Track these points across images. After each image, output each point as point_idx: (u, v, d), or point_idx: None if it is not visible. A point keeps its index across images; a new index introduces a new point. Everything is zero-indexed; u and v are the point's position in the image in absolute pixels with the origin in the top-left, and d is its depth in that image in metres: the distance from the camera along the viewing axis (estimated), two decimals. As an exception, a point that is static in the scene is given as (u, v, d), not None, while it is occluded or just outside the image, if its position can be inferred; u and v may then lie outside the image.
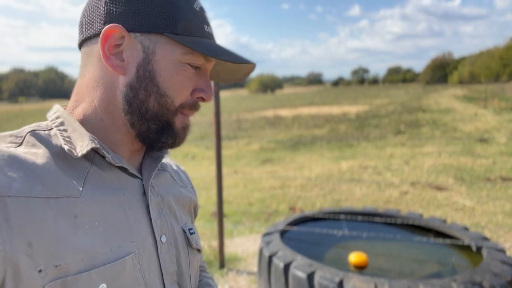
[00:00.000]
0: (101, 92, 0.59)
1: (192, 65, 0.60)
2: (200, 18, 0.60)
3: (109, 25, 0.55)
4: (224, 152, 9.95)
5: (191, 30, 0.58)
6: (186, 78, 0.60)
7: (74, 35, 0.65)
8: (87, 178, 0.54)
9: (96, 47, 0.58)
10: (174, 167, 0.78)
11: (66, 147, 0.54)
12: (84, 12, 0.60)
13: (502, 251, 2.27)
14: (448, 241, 2.64)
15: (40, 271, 0.45)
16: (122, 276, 0.52)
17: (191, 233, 0.70)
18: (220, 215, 3.41)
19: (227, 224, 4.67)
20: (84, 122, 0.59)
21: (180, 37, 0.56)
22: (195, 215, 0.80)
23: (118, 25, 0.56)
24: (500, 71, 66.94)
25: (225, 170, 7.72)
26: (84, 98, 0.60)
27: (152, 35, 0.56)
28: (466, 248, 2.51)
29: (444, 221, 2.85)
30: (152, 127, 0.60)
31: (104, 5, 0.57)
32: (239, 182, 6.95)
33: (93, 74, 0.59)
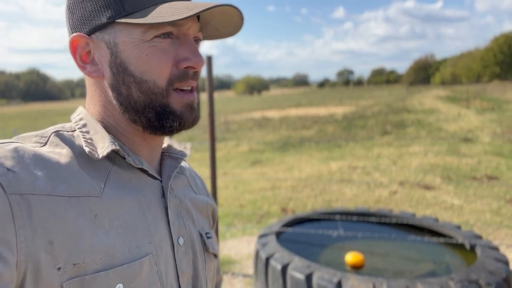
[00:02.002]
0: (99, 98, 0.60)
1: (162, 37, 0.55)
2: None
3: (71, 36, 0.56)
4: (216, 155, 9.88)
5: (141, 3, 0.54)
6: (159, 53, 0.55)
7: (56, 36, 0.64)
8: (108, 178, 0.54)
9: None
10: (192, 173, 0.78)
11: (87, 149, 0.54)
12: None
13: (496, 249, 2.31)
14: (441, 239, 2.67)
15: (59, 268, 0.46)
16: (139, 277, 0.52)
17: (208, 237, 0.69)
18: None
19: (219, 227, 4.64)
20: (103, 124, 0.60)
21: (130, 17, 0.53)
22: (214, 221, 0.79)
23: (78, 33, 0.56)
24: (481, 72, 68.61)
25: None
26: (95, 104, 0.62)
27: (108, 29, 0.55)
28: (459, 247, 2.55)
29: (437, 220, 2.89)
30: (150, 116, 0.57)
31: (67, 20, 0.59)
32: (229, 184, 6.92)
33: (89, 83, 0.61)
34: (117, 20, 0.54)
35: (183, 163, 0.74)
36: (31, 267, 0.44)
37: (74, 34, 0.56)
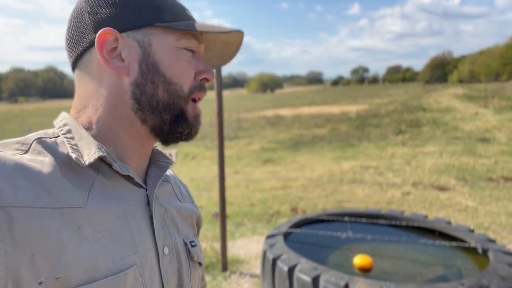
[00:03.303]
0: (105, 98, 0.59)
1: (187, 49, 0.61)
2: (180, 3, 0.63)
3: (101, 31, 0.56)
4: (225, 152, 9.94)
5: (176, 15, 0.59)
6: (186, 62, 0.60)
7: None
8: (92, 188, 0.53)
9: (92, 58, 0.59)
10: (176, 180, 0.77)
11: (73, 155, 0.53)
12: (68, 34, 0.61)
13: (509, 253, 2.25)
14: (453, 243, 2.61)
15: (40, 283, 0.44)
16: None
17: (192, 246, 0.69)
18: (223, 217, 3.38)
19: (229, 226, 4.64)
20: (91, 130, 0.59)
21: (169, 23, 0.58)
22: (198, 229, 0.79)
23: (110, 28, 0.56)
24: (500, 70, 66.94)
25: (226, 170, 7.69)
26: (87, 108, 0.60)
27: (143, 29, 0.58)
28: (471, 251, 2.49)
29: (449, 223, 2.82)
30: (166, 118, 0.60)
31: (89, 16, 0.58)
32: (240, 183, 6.92)
33: (93, 83, 0.59)
34: (155, 24, 0.57)
35: (168, 171, 0.73)
36: (11, 282, 0.43)
37: (105, 28, 0.56)
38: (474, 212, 4.83)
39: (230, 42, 0.66)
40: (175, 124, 0.61)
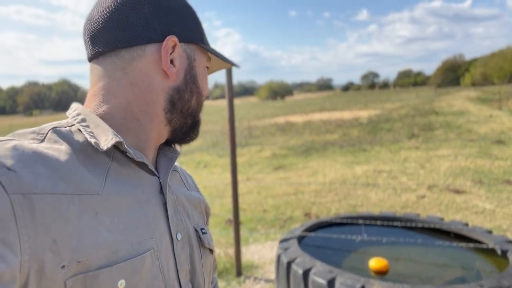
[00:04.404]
0: (141, 93, 0.61)
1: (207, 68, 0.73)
2: None
3: (170, 36, 0.61)
4: (237, 160, 9.95)
5: (207, 41, 0.70)
6: (207, 79, 0.72)
7: (85, 47, 0.63)
8: (108, 175, 0.55)
9: (145, 53, 0.61)
10: (182, 170, 0.81)
11: (93, 140, 0.55)
12: (114, 24, 0.61)
13: (529, 254, 2.20)
14: (471, 245, 2.56)
15: (63, 266, 0.46)
16: (141, 272, 0.53)
17: (203, 233, 0.71)
18: (236, 222, 3.38)
19: (242, 231, 4.64)
20: (109, 120, 0.60)
21: (206, 46, 0.68)
22: (207, 217, 0.82)
23: (174, 36, 0.62)
24: (514, 71, 65.77)
25: (238, 177, 7.70)
26: (116, 99, 0.61)
27: (191, 45, 0.66)
28: (490, 252, 2.44)
29: (466, 225, 2.77)
30: (187, 121, 0.68)
31: (153, 16, 0.61)
32: (253, 189, 6.92)
33: (131, 77, 0.61)
34: (200, 44, 0.67)
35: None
36: (35, 266, 0.44)
37: (172, 35, 0.62)
38: (492, 215, 4.73)
39: (221, 67, 0.79)
40: (191, 128, 0.69)
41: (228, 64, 0.78)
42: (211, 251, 0.74)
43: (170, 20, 0.63)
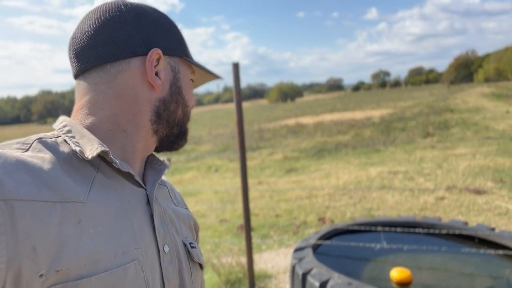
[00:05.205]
0: (127, 105, 0.62)
1: (192, 80, 0.74)
2: None
3: (154, 49, 0.63)
4: (248, 163, 9.85)
5: (190, 54, 0.73)
6: (192, 91, 0.74)
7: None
8: (93, 184, 0.55)
9: (129, 67, 0.62)
10: (171, 186, 0.80)
11: (77, 149, 0.55)
12: (98, 39, 0.62)
13: None
14: (500, 251, 2.39)
15: (41, 275, 0.45)
16: (124, 283, 0.52)
17: (192, 247, 0.70)
18: (248, 230, 3.25)
19: (255, 238, 4.50)
20: (95, 131, 0.60)
21: (190, 59, 0.71)
22: (196, 233, 0.80)
23: (158, 49, 0.63)
24: (529, 66, 64.36)
25: (249, 181, 7.58)
26: (103, 111, 0.62)
27: (175, 58, 0.68)
28: (522, 260, 2.26)
29: (493, 229, 2.60)
30: (174, 131, 0.69)
31: (136, 30, 0.63)
32: (265, 194, 6.78)
33: (117, 90, 0.62)
34: (184, 57, 0.69)
35: (162, 177, 0.75)
36: (12, 274, 0.43)
37: (156, 48, 0.63)
38: (516, 216, 4.51)
39: (206, 80, 0.81)
40: (178, 137, 0.71)
41: (212, 77, 0.80)
42: (201, 266, 0.73)
43: (154, 34, 0.65)
